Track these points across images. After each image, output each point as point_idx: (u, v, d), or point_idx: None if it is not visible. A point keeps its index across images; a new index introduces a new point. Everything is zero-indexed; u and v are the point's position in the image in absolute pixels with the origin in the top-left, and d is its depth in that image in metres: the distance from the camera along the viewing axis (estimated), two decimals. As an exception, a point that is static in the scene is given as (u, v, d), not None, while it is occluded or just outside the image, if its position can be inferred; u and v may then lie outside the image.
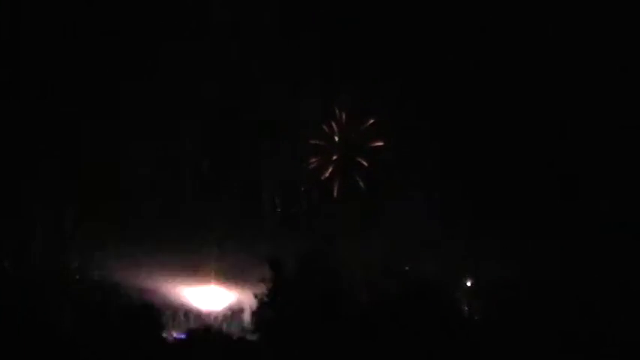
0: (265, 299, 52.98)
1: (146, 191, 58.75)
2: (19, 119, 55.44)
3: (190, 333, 56.54)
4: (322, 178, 59.65)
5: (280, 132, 59.05)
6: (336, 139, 60.29)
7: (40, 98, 55.94)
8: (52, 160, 56.42)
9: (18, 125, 55.46)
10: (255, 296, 53.18)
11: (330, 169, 59.91)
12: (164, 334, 56.08)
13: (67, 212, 57.17)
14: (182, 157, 59.10)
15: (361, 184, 59.41)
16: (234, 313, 57.85)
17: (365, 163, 59.62)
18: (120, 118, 57.59)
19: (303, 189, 60.13)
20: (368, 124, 60.26)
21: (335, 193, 59.70)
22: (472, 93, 56.26)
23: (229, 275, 58.06)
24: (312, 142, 60.36)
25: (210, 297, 58.85)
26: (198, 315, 58.53)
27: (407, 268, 54.45)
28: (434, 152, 57.94)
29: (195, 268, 58.88)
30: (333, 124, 60.42)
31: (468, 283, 55.68)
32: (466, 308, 54.42)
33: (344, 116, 60.45)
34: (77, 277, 56.38)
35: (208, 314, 58.53)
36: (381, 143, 59.67)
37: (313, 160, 60.08)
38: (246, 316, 56.28)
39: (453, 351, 49.31)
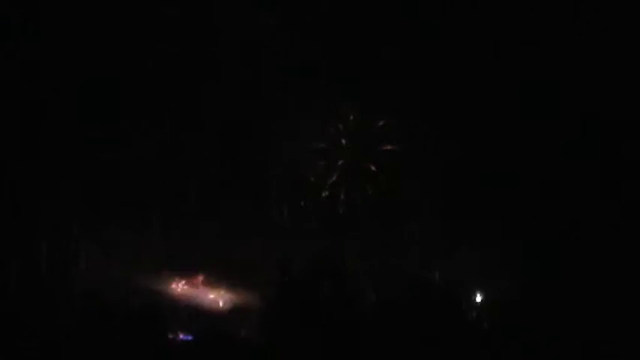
0: (273, 301, 53.21)
1: (152, 192, 58.55)
2: (22, 118, 55.25)
3: (197, 334, 56.56)
4: (328, 183, 59.52)
5: (282, 134, 58.92)
6: (343, 142, 60.04)
7: (43, 98, 55.65)
8: (58, 161, 56.23)
9: (20, 125, 55.36)
10: (263, 298, 53.44)
11: (335, 175, 59.71)
12: (170, 335, 56.26)
13: (72, 214, 57.09)
14: (187, 158, 58.76)
15: (369, 190, 59.28)
16: (242, 314, 57.76)
17: (374, 169, 59.43)
18: (122, 119, 57.42)
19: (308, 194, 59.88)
20: (378, 126, 59.94)
21: (341, 199, 59.56)
22: (489, 95, 56.13)
23: (236, 276, 58.01)
24: (317, 145, 60.08)
25: (217, 298, 58.83)
26: (205, 316, 58.43)
27: (415, 272, 54.91)
28: (448, 157, 57.73)
29: (202, 269, 58.92)
30: (340, 126, 60.10)
31: (478, 297, 55.80)
32: (474, 314, 54.69)
33: (351, 117, 60.08)
34: (83, 278, 56.50)
35: (215, 315, 58.46)
36: (391, 147, 59.29)
37: (318, 164, 59.80)
38: (254, 318, 56.17)
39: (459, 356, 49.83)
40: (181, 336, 57.27)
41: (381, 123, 59.33)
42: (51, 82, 55.53)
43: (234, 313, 58.14)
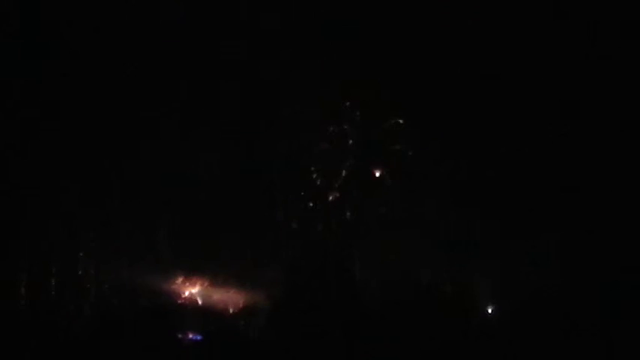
0: (280, 301, 53.37)
1: (159, 193, 58.42)
2: (27, 118, 55.10)
3: (206, 334, 56.80)
4: (336, 185, 59.20)
5: (289, 134, 58.58)
6: (350, 142, 59.51)
7: (47, 99, 55.43)
8: (64, 162, 56.22)
9: (25, 125, 55.11)
10: (271, 298, 53.60)
11: (343, 176, 59.36)
12: (179, 335, 56.52)
13: (78, 216, 57.09)
14: (197, 162, 58.51)
15: (377, 192, 58.94)
16: (250, 314, 57.85)
17: (384, 171, 58.97)
18: (126, 120, 57.07)
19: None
20: (386, 126, 59.37)
21: (349, 200, 59.30)
22: (497, 94, 55.87)
23: (245, 277, 57.98)
24: (325, 146, 59.58)
25: (225, 298, 58.87)
26: (214, 316, 58.53)
27: (423, 275, 54.71)
28: (458, 157, 57.18)
29: (210, 270, 58.94)
30: (346, 127, 59.50)
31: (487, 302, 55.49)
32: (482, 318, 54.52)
33: (358, 114, 59.43)
34: (90, 279, 56.60)
35: (224, 315, 58.55)
36: (400, 147, 58.72)
37: (326, 166, 59.36)
38: (262, 318, 56.32)
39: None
40: (191, 336, 57.51)
41: (392, 122, 58.87)
42: (54, 83, 55.35)
43: (242, 313, 58.27)
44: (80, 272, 56.55)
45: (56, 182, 55.16)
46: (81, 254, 56.72)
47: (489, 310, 54.46)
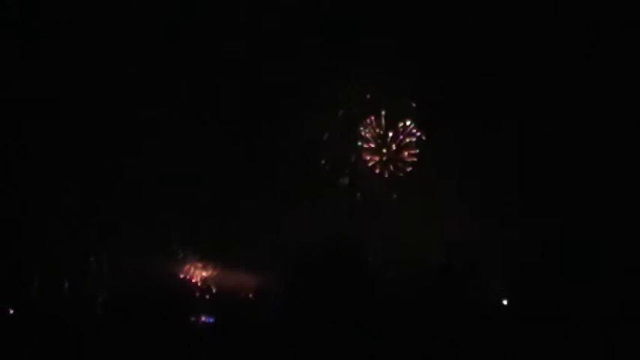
0: (293, 284, 53.72)
1: (174, 183, 58.73)
2: (35, 119, 55.58)
3: (218, 317, 57.52)
4: (346, 171, 59.46)
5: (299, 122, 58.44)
6: (361, 129, 59.43)
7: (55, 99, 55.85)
8: (75, 157, 56.75)
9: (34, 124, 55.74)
10: (283, 281, 53.98)
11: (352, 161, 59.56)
12: (192, 318, 57.37)
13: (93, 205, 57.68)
14: (208, 147, 58.65)
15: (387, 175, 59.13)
16: (263, 297, 58.44)
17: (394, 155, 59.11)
18: (130, 120, 57.45)
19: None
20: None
21: (359, 185, 59.57)
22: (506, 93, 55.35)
23: (258, 260, 58.41)
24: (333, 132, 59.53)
25: (238, 281, 59.48)
26: (227, 300, 59.24)
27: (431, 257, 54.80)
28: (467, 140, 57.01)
29: (224, 255, 59.50)
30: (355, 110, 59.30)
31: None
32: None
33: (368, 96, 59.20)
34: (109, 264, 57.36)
35: (237, 299, 59.21)
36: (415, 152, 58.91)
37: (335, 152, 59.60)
38: (274, 301, 56.85)
39: (477, 337, 49.98)
40: (203, 319, 58.29)
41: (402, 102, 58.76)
42: (54, 83, 55.57)
43: (254, 297, 58.89)
44: (95, 264, 57.52)
45: (56, 182, 55.86)
46: (95, 241, 57.70)
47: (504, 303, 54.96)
